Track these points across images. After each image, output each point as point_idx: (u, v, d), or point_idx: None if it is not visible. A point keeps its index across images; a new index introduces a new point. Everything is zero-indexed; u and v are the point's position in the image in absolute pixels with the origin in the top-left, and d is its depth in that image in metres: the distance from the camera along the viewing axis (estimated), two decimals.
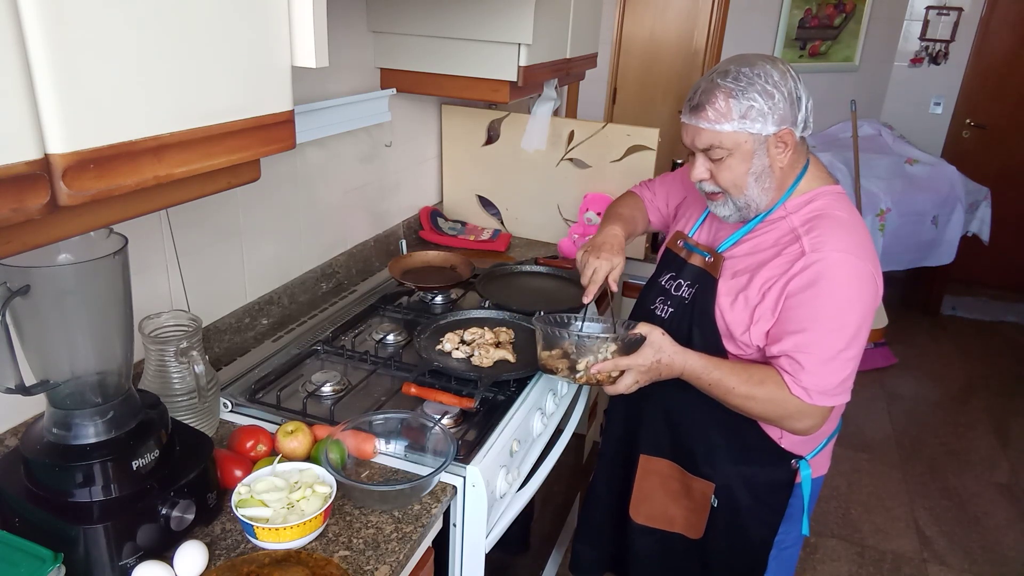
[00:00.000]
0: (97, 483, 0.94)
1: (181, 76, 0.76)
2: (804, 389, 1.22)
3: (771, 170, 1.25)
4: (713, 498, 1.42)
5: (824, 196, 1.27)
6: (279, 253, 1.75)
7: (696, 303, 1.35)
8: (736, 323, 1.29)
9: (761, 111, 1.19)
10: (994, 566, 2.53)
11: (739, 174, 1.24)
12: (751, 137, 1.21)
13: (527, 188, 2.42)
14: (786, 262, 1.23)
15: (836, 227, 1.22)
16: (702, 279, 1.35)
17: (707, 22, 4.25)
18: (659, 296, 1.45)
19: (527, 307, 1.78)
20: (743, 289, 1.28)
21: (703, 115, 1.21)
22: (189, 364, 1.21)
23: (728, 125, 1.20)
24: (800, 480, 1.40)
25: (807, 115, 1.24)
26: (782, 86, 1.19)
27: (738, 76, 1.19)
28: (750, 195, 1.26)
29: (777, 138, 1.22)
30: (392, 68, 1.99)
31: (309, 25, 0.88)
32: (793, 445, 1.37)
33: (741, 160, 1.23)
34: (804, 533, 1.47)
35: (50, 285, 0.88)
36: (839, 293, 1.19)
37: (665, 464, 1.49)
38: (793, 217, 1.27)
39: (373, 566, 1.04)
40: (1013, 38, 4.40)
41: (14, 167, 0.61)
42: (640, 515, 1.54)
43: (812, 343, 1.20)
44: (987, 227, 4.09)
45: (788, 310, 1.23)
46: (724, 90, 1.19)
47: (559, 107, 2.95)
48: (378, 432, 1.28)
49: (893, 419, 3.37)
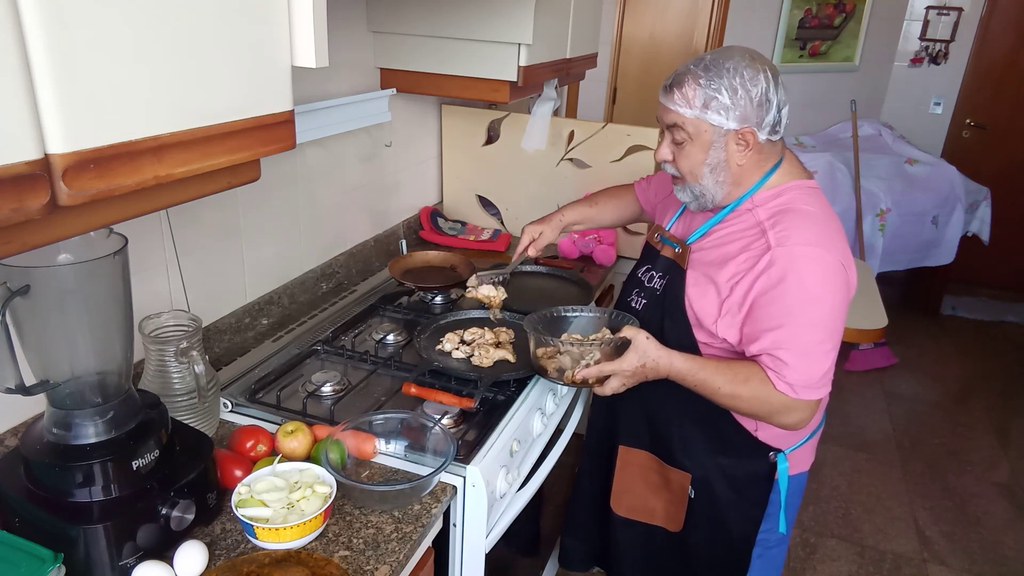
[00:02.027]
0: (97, 483, 0.94)
1: (181, 76, 0.76)
2: (789, 385, 1.23)
3: (727, 165, 1.27)
4: (691, 489, 1.43)
5: (793, 191, 1.28)
6: (279, 253, 1.75)
7: (667, 294, 1.37)
8: (704, 313, 1.30)
9: (724, 105, 1.21)
10: (994, 566, 2.53)
11: (696, 163, 1.28)
12: (711, 128, 1.23)
13: (527, 188, 2.42)
14: (752, 257, 1.24)
15: (802, 220, 1.23)
16: (672, 270, 1.38)
17: (707, 22, 4.25)
18: (635, 288, 1.48)
19: (527, 307, 1.78)
20: (711, 280, 1.29)
21: (671, 96, 1.25)
22: (189, 364, 1.21)
23: (690, 111, 1.24)
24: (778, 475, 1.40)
25: (778, 119, 1.25)
26: (751, 86, 1.20)
27: (709, 67, 1.22)
28: (705, 185, 1.30)
29: (738, 135, 1.24)
30: (392, 68, 1.99)
31: (309, 25, 0.88)
32: (771, 438, 1.38)
33: (699, 148, 1.26)
34: (780, 531, 1.46)
35: (50, 285, 0.88)
36: (808, 286, 1.20)
37: (644, 455, 1.50)
38: (759, 210, 1.28)
39: (373, 566, 1.04)
40: (1013, 38, 4.39)
41: (14, 167, 0.61)
42: (622, 507, 1.55)
43: (790, 339, 1.21)
44: (987, 227, 4.08)
45: (760, 307, 1.23)
46: (694, 77, 1.22)
47: (559, 107, 2.95)
48: (378, 432, 1.28)
49: (893, 419, 3.37)
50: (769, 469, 1.39)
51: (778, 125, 1.25)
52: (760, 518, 1.42)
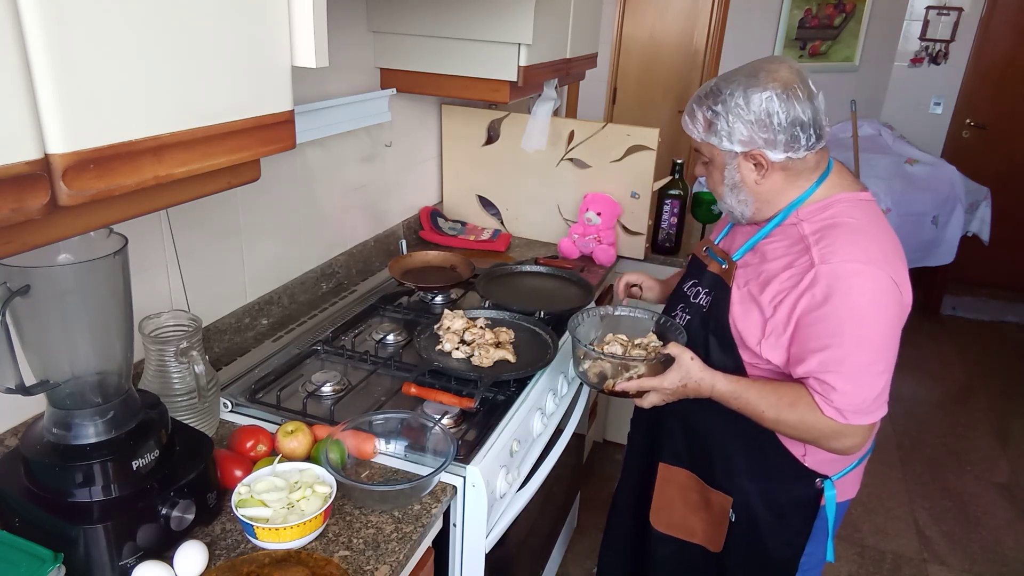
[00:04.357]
0: (97, 483, 0.94)
1: (181, 76, 0.75)
2: (837, 410, 1.17)
3: (743, 185, 1.25)
4: (731, 512, 1.39)
5: (841, 203, 1.22)
6: (279, 253, 1.75)
7: (712, 311, 1.33)
8: (748, 333, 1.26)
9: (724, 129, 1.20)
10: (994, 566, 2.53)
11: (715, 182, 1.30)
12: (722, 152, 1.23)
13: (527, 188, 2.42)
14: (796, 274, 1.19)
15: (848, 235, 1.17)
16: (718, 286, 1.33)
17: (707, 22, 4.25)
18: (680, 303, 1.44)
19: (527, 307, 1.78)
20: (755, 299, 1.25)
21: (685, 120, 1.28)
22: (189, 364, 1.21)
23: (698, 135, 1.26)
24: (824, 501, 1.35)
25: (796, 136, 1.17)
26: (750, 109, 1.16)
27: (713, 91, 1.21)
28: (729, 203, 1.30)
29: (748, 157, 1.21)
30: (392, 68, 1.99)
31: (309, 25, 0.88)
32: (818, 464, 1.32)
33: (716, 169, 1.28)
34: (828, 559, 1.41)
35: (50, 285, 0.88)
36: (856, 305, 1.14)
37: (684, 474, 1.46)
38: (804, 224, 1.22)
39: (373, 566, 1.04)
40: (1013, 38, 4.39)
41: (14, 167, 0.61)
42: (660, 522, 1.52)
43: (837, 361, 1.15)
44: (987, 227, 4.08)
45: (805, 327, 1.18)
46: (699, 102, 1.24)
47: (559, 107, 2.95)
48: (378, 432, 1.28)
49: (893, 419, 3.37)
50: (814, 495, 1.34)
51: (797, 142, 1.18)
52: (803, 545, 1.37)
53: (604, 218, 2.27)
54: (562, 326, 1.72)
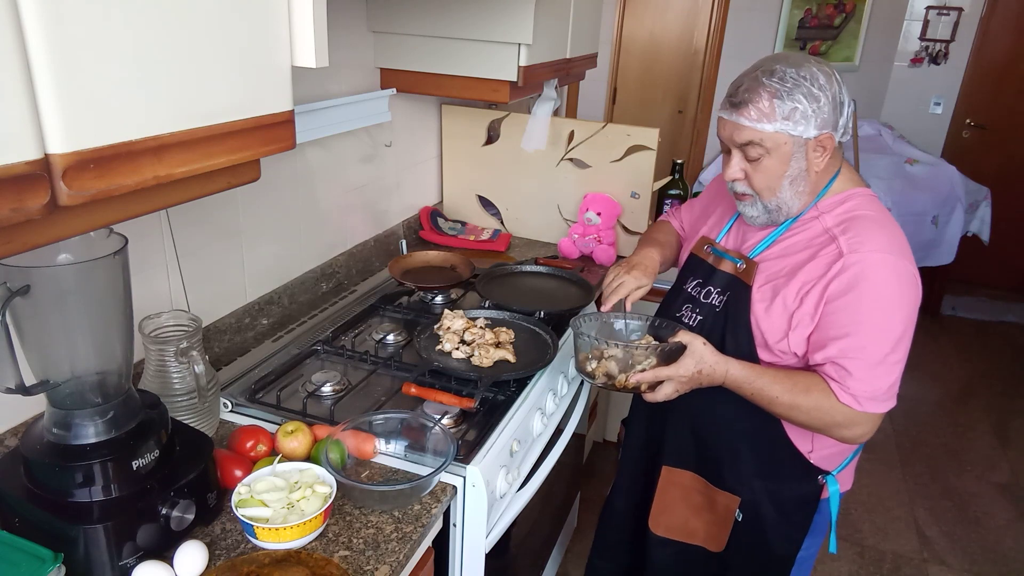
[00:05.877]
0: (97, 483, 0.94)
1: (181, 76, 0.75)
2: (853, 396, 1.18)
3: (807, 174, 1.22)
4: (738, 512, 1.39)
5: (857, 197, 1.24)
6: (279, 253, 1.75)
7: (728, 311, 1.31)
8: (772, 331, 1.25)
9: (805, 114, 1.16)
10: (994, 566, 2.53)
11: (774, 176, 1.22)
12: (791, 139, 1.18)
13: (527, 188, 2.42)
14: (824, 264, 1.19)
15: (873, 226, 1.19)
16: (734, 286, 1.31)
17: (707, 22, 4.25)
18: (686, 303, 1.41)
19: (527, 307, 1.78)
20: (779, 294, 1.24)
21: (745, 112, 1.18)
22: (189, 364, 1.21)
23: (770, 125, 1.17)
24: (828, 495, 1.36)
25: (848, 120, 1.21)
26: (827, 90, 1.17)
27: (784, 77, 1.16)
28: (782, 198, 1.24)
29: (817, 142, 1.19)
30: (392, 68, 1.99)
31: (309, 25, 0.88)
32: (822, 460, 1.34)
33: (779, 162, 1.20)
34: (831, 551, 1.42)
35: (50, 285, 0.88)
36: (882, 295, 1.15)
37: (689, 476, 1.45)
38: (826, 217, 1.23)
39: (373, 566, 1.04)
40: (1013, 38, 4.40)
41: (14, 167, 0.61)
42: (659, 527, 1.51)
43: (858, 348, 1.17)
44: (987, 227, 4.08)
45: (830, 315, 1.19)
46: (769, 90, 1.16)
47: (559, 107, 2.96)
48: (378, 432, 1.28)
49: (893, 419, 3.37)
50: (816, 491, 1.36)
51: (848, 125, 1.22)
52: (803, 540, 1.39)
53: (604, 218, 2.27)
54: (562, 326, 1.72)
